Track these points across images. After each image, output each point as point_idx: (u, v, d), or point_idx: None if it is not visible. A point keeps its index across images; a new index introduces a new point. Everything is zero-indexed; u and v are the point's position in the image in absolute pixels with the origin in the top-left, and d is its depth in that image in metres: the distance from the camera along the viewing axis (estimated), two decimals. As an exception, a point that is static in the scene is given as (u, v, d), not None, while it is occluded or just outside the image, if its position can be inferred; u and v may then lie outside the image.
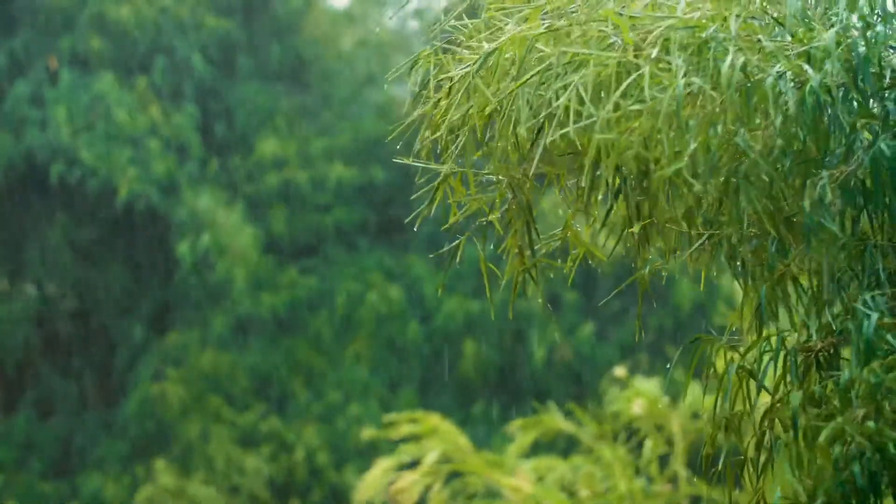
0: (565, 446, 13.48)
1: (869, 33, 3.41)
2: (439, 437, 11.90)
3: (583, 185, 3.52)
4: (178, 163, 18.52)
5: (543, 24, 3.52)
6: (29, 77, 18.49)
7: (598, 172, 3.45)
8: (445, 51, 3.66)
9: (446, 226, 3.77)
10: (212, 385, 17.97)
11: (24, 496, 17.54)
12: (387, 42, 20.41)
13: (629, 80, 3.29)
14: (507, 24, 3.54)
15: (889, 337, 3.26)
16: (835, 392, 3.24)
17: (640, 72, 3.29)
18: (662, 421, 11.68)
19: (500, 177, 3.68)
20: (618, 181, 3.54)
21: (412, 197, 3.77)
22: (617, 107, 3.30)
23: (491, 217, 3.69)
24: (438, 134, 3.61)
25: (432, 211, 3.74)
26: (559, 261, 3.87)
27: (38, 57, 18.62)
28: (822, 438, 3.14)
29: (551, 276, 3.96)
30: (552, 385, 17.62)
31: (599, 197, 3.59)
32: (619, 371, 12.38)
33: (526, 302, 18.05)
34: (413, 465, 11.85)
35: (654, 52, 3.34)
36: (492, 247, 3.83)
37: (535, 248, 3.77)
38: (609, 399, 12.35)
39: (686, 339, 3.67)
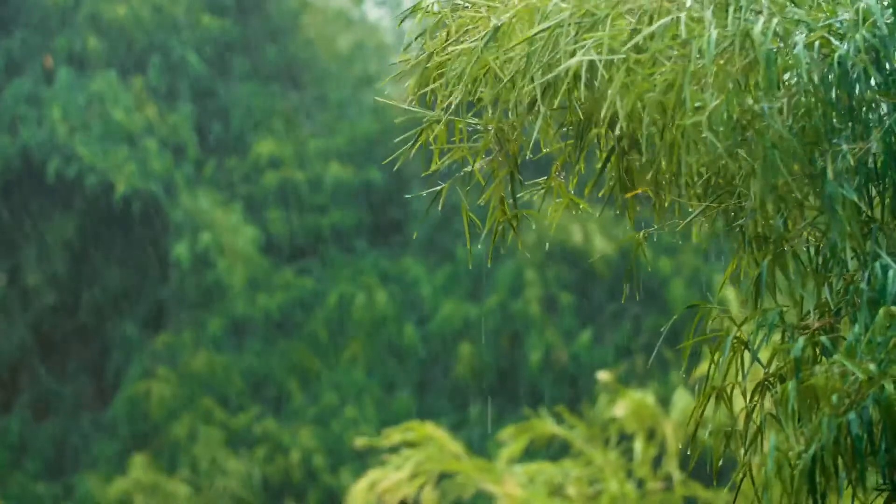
0: (558, 450, 13.46)
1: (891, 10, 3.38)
2: (432, 444, 11.87)
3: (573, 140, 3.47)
4: (175, 162, 18.49)
5: None
6: (25, 76, 18.47)
7: (593, 131, 3.40)
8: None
9: (428, 171, 3.73)
10: (206, 386, 17.92)
11: (19, 497, 17.49)
12: (384, 43, 20.38)
13: (661, 23, 3.23)
14: None
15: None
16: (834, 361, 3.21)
17: (673, 16, 3.24)
18: (651, 422, 11.66)
19: (488, 127, 3.64)
20: (611, 140, 3.49)
21: (395, 139, 3.73)
22: (644, 49, 3.24)
23: (474, 166, 3.65)
24: (430, 84, 3.56)
25: (412, 154, 3.70)
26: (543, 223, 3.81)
27: (35, 56, 18.60)
28: (819, 379, 3.10)
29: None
30: (548, 388, 17.58)
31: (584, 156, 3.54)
32: (604, 375, 12.37)
33: (522, 305, 18.02)
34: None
35: (689, 1, 3.29)
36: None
37: (518, 198, 3.73)
38: (599, 403, 12.35)
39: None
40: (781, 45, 3.28)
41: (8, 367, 18.64)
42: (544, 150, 3.64)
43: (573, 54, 3.22)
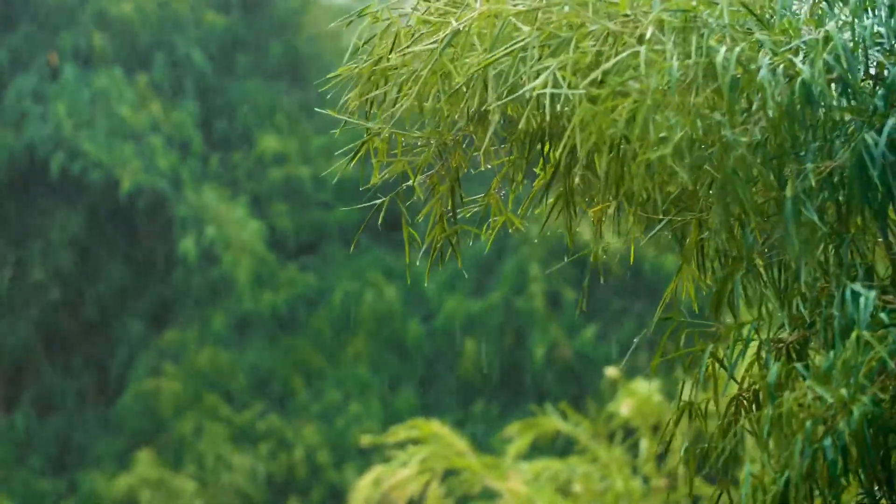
0: (564, 447, 13.44)
1: (856, 30, 3.37)
2: (437, 441, 11.85)
3: (515, 154, 3.45)
4: (180, 159, 18.51)
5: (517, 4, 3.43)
6: (30, 72, 18.50)
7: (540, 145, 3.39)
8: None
9: (367, 185, 3.72)
10: (211, 383, 17.94)
11: (23, 493, 17.51)
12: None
13: (620, 56, 3.21)
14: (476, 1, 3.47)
15: (882, 315, 3.22)
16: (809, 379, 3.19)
17: (633, 50, 3.21)
18: (656, 420, 11.63)
19: (430, 140, 3.61)
20: (557, 155, 3.46)
21: (336, 153, 3.71)
22: (603, 83, 3.21)
23: (414, 182, 3.63)
24: (372, 93, 3.54)
25: (350, 165, 3.69)
26: (484, 229, 3.79)
27: (40, 52, 18.62)
28: (793, 406, 3.09)
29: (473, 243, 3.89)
30: (552, 384, 17.57)
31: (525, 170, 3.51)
32: (612, 371, 12.32)
33: (526, 301, 18.01)
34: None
35: (649, 32, 3.26)
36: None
37: (458, 214, 3.71)
38: (605, 399, 12.31)
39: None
40: (750, 67, 3.26)
41: (12, 363, 18.67)
42: (485, 167, 3.61)
43: (537, 75, 3.20)
